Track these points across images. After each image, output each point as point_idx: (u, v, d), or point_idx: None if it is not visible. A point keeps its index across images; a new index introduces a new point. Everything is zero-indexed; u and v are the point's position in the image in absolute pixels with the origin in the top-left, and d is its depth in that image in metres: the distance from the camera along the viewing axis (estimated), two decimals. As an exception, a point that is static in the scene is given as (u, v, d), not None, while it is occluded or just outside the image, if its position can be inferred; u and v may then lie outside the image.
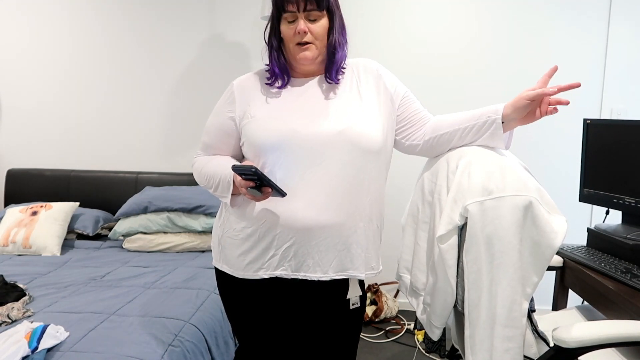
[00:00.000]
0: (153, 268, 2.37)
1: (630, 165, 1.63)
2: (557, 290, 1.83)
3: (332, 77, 1.25)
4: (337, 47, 1.23)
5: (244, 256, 1.25)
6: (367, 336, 2.64)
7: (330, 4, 1.20)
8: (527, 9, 2.73)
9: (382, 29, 2.85)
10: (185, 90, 3.08)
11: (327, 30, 1.22)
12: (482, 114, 1.23)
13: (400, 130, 1.33)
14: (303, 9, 1.17)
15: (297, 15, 1.18)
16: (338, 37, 1.23)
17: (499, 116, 1.20)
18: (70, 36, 3.11)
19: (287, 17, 1.20)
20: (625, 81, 2.68)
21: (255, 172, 1.08)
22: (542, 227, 1.10)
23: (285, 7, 1.18)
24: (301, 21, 1.18)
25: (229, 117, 1.29)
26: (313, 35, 1.20)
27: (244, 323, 1.35)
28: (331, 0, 1.20)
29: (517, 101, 1.18)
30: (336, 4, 1.23)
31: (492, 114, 1.22)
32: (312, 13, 1.18)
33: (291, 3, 1.17)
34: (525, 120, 1.21)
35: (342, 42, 1.24)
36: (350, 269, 1.25)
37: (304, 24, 1.18)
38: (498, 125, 1.21)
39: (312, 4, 1.17)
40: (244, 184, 1.15)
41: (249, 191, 1.15)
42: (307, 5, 1.16)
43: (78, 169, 3.18)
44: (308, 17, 1.18)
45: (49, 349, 1.51)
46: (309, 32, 1.19)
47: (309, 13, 1.18)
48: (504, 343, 1.12)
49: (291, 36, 1.20)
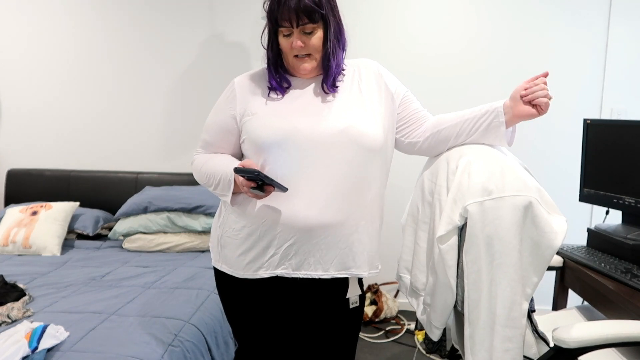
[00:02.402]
0: (153, 268, 2.37)
1: (630, 165, 1.63)
2: (557, 290, 1.83)
3: (329, 87, 1.24)
4: (331, 57, 1.22)
5: (244, 256, 1.25)
6: (367, 336, 2.64)
7: (324, 14, 1.19)
8: (527, 9, 2.73)
9: (381, 30, 2.85)
10: (185, 90, 3.08)
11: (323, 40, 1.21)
12: (482, 107, 1.26)
13: (400, 128, 1.33)
14: (296, 24, 1.17)
15: (291, 30, 1.18)
16: (332, 47, 1.22)
17: (500, 105, 1.23)
18: (70, 36, 3.11)
19: (282, 31, 1.20)
20: (625, 81, 2.68)
21: (259, 174, 1.08)
22: (542, 227, 1.10)
23: (280, 23, 1.18)
24: (296, 37, 1.18)
25: (230, 114, 1.28)
26: (309, 49, 1.20)
27: (243, 323, 1.35)
28: (325, 8, 1.18)
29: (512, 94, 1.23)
30: (332, 10, 1.22)
31: (493, 104, 1.25)
32: (307, 26, 1.18)
33: (285, 20, 1.16)
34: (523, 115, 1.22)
35: (336, 50, 1.24)
36: (353, 268, 1.25)
37: (299, 39, 1.18)
38: (499, 113, 1.22)
39: (304, 19, 1.16)
40: (246, 184, 1.15)
41: (251, 190, 1.15)
42: (300, 20, 1.16)
43: (78, 169, 3.18)
44: (303, 31, 1.18)
45: (49, 349, 1.51)
46: (305, 45, 1.19)
47: (304, 27, 1.18)
48: (503, 343, 1.12)
49: (289, 49, 1.21)
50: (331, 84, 1.25)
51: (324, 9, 1.18)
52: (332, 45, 1.22)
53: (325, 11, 1.18)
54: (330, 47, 1.21)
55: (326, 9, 1.19)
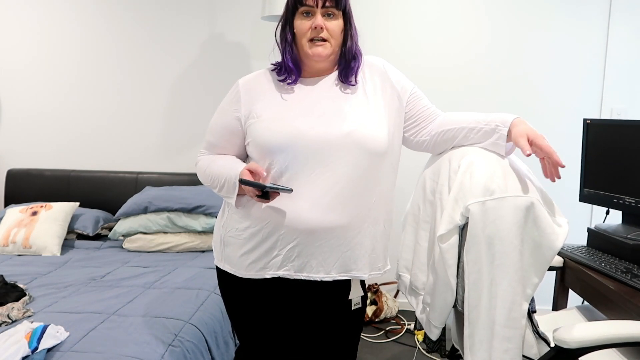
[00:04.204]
0: (153, 268, 2.37)
1: (630, 165, 1.63)
2: (558, 290, 1.83)
3: (349, 78, 1.25)
4: (357, 54, 1.25)
5: (246, 256, 1.25)
6: (367, 336, 2.64)
7: (347, 7, 1.22)
8: (527, 9, 2.73)
9: (380, 30, 2.85)
10: (186, 90, 3.07)
11: (343, 32, 1.23)
12: (492, 121, 1.22)
13: (409, 127, 1.32)
14: (322, 4, 1.17)
15: (314, 10, 1.18)
16: (354, 44, 1.24)
17: (505, 128, 1.19)
18: (69, 37, 3.11)
19: (303, 11, 1.20)
20: (625, 81, 2.68)
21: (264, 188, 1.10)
22: (543, 228, 1.10)
23: (304, 1, 1.18)
24: (319, 16, 1.18)
25: (235, 116, 1.28)
26: (329, 33, 1.20)
27: (244, 322, 1.35)
28: (348, 3, 1.22)
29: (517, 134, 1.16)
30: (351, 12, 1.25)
31: (500, 123, 1.20)
32: (330, 10, 1.18)
33: None
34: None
35: (359, 49, 1.26)
36: (354, 270, 1.25)
37: (322, 19, 1.18)
38: (502, 137, 1.20)
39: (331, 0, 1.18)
40: (252, 191, 1.16)
41: (257, 197, 1.16)
42: (327, 1, 1.17)
43: (78, 169, 3.18)
44: (325, 13, 1.19)
45: (49, 349, 1.50)
46: (325, 29, 1.19)
47: (327, 9, 1.18)
48: (503, 343, 1.12)
49: (305, 31, 1.20)
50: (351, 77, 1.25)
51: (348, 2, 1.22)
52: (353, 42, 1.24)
53: (347, 6, 1.22)
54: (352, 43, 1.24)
55: (349, 5, 1.22)
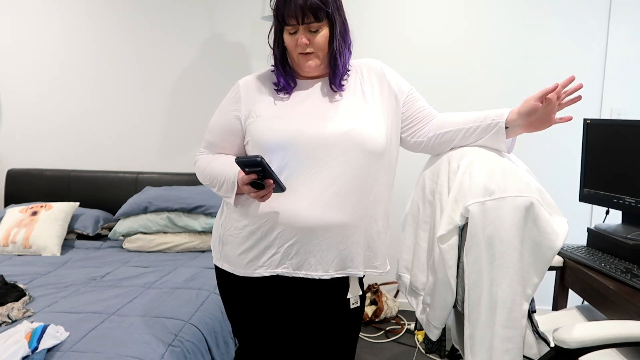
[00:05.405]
0: (153, 268, 2.37)
1: (630, 165, 1.63)
2: (557, 290, 1.83)
3: (337, 86, 1.26)
4: (338, 56, 1.24)
5: (245, 254, 1.26)
6: (367, 336, 2.64)
7: (330, 13, 1.20)
8: (527, 9, 2.73)
9: (380, 30, 2.85)
10: (186, 90, 3.07)
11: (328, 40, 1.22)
12: (487, 117, 1.24)
13: (406, 127, 1.33)
14: (302, 21, 1.18)
15: (297, 27, 1.19)
16: (339, 45, 1.23)
17: (503, 120, 1.22)
18: (70, 37, 3.11)
19: (288, 29, 1.21)
20: (625, 81, 2.68)
21: (261, 161, 1.08)
22: (543, 228, 1.10)
23: (286, 21, 1.19)
24: (301, 34, 1.19)
25: (235, 115, 1.29)
26: (314, 46, 1.21)
27: (243, 321, 1.35)
28: (331, 7, 1.20)
29: (522, 106, 1.19)
30: (338, 10, 1.23)
31: (497, 117, 1.23)
32: (312, 25, 1.19)
33: (291, 17, 1.18)
34: (534, 127, 1.21)
35: (342, 49, 1.25)
36: (350, 267, 1.25)
37: (305, 36, 1.19)
38: (501, 129, 1.22)
39: (310, 16, 1.17)
40: (247, 179, 1.14)
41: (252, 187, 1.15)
42: (305, 18, 1.17)
43: (78, 169, 3.18)
44: (308, 29, 1.19)
45: (49, 349, 1.50)
46: (310, 43, 1.20)
47: (309, 25, 1.19)
48: (503, 343, 1.12)
49: (294, 47, 1.22)
50: (339, 84, 1.26)
51: (329, 7, 1.19)
52: (338, 44, 1.23)
53: (331, 10, 1.19)
54: (336, 47, 1.23)
55: (332, 7, 1.20)
